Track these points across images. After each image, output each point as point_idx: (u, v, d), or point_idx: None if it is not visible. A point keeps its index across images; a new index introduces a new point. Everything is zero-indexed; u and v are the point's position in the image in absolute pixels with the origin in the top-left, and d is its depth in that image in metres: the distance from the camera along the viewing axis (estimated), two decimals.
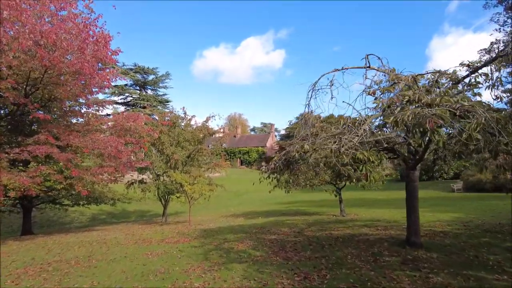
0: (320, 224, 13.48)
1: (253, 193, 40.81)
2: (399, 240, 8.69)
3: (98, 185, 15.79)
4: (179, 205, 19.41)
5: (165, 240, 11.31)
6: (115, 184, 18.44)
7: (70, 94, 11.93)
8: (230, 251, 8.73)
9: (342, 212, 16.42)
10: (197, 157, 19.51)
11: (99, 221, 25.82)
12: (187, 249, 9.28)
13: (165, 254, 8.82)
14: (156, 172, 18.69)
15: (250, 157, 65.57)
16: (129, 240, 11.51)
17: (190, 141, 19.36)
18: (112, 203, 20.27)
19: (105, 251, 9.58)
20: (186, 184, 15.65)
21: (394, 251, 7.66)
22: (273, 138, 72.61)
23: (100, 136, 12.78)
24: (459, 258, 6.77)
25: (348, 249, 8.25)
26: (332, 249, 8.31)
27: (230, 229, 13.29)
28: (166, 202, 19.60)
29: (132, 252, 9.18)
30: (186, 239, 11.12)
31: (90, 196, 18.74)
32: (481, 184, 25.74)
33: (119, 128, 14.55)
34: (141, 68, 54.44)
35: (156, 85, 56.78)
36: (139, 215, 28.69)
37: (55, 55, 9.39)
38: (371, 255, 7.40)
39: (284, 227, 13.16)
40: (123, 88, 53.74)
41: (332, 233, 10.93)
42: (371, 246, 8.40)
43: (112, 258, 8.46)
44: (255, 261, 7.42)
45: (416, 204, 7.94)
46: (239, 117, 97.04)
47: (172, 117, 19.88)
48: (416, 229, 7.88)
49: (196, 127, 20.10)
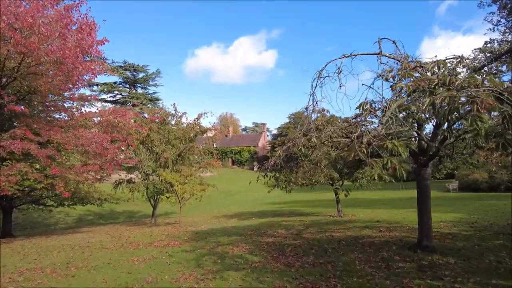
0: (318, 225, 12.80)
1: (245, 193, 40.09)
2: (409, 243, 8.03)
3: (83, 185, 14.91)
4: (169, 206, 18.61)
5: (153, 243, 10.49)
6: (102, 184, 17.60)
7: (51, 86, 11.03)
8: (225, 256, 7.97)
9: (339, 212, 15.79)
10: (188, 155, 18.70)
11: (86, 222, 24.76)
12: (177, 254, 8.49)
13: (153, 259, 8.01)
14: (145, 171, 17.80)
15: (242, 157, 64.70)
16: (114, 244, 10.66)
17: (181, 139, 18.53)
18: (99, 203, 19.39)
19: (87, 256, 8.72)
20: (177, 183, 14.83)
21: (405, 255, 6.99)
22: (265, 138, 71.87)
23: (84, 132, 11.89)
24: (480, 264, 6.12)
25: (354, 253, 7.56)
26: (336, 254, 7.62)
27: (223, 231, 12.52)
28: (156, 203, 18.73)
29: (117, 258, 8.34)
30: (176, 242, 10.32)
31: (76, 196, 17.86)
32: (477, 183, 25.40)
33: (105, 124, 13.69)
34: (131, 66, 53.17)
35: (146, 83, 55.53)
36: (128, 216, 27.68)
37: (31, 40, 8.51)
38: (382, 261, 6.72)
39: (281, 228, 12.45)
40: (112, 85, 52.43)
41: (333, 235, 10.25)
42: (378, 250, 7.73)
43: (93, 265, 7.61)
44: (253, 268, 6.68)
45: (428, 205, 7.30)
46: (231, 117, 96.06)
47: (162, 114, 19.01)
48: (429, 231, 7.24)
49: (187, 124, 19.26)
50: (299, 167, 7.75)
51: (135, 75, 54.53)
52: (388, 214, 15.65)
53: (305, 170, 7.86)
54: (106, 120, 13.65)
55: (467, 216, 13.12)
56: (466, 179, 26.39)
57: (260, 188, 42.53)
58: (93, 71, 11.35)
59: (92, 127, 13.77)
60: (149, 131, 17.17)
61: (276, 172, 7.79)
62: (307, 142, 5.25)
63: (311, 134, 5.38)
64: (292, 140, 6.59)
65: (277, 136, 65.13)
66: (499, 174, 24.32)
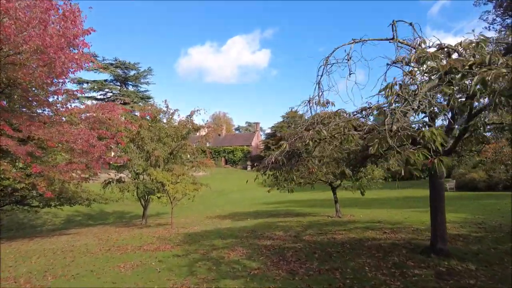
0: (317, 227, 12.19)
1: (238, 192, 39.43)
2: (419, 246, 7.45)
3: (69, 184, 14.09)
4: (161, 206, 17.86)
5: (143, 247, 9.78)
6: (91, 183, 16.82)
7: (32, 78, 10.22)
8: (220, 261, 7.30)
9: (337, 213, 15.21)
10: (180, 154, 17.94)
11: (74, 223, 23.87)
12: (168, 260, 7.79)
13: (141, 266, 7.31)
14: (135, 170, 17.01)
15: (235, 156, 63.96)
16: (101, 248, 9.92)
17: (173, 137, 17.76)
18: (87, 204, 18.54)
19: (69, 262, 7.97)
20: (168, 183, 14.10)
21: (419, 260, 6.39)
22: (259, 137, 71.17)
23: (68, 128, 11.09)
24: (504, 271, 5.54)
25: (361, 258, 6.95)
26: (342, 259, 7.00)
27: (218, 233, 11.84)
28: (146, 203, 17.95)
29: (102, 264, 7.61)
30: (167, 246, 9.61)
31: (62, 197, 17.03)
32: (475, 182, 25.07)
33: (92, 120, 12.90)
34: (122, 63, 52.03)
35: (137, 81, 54.44)
36: (118, 217, 26.82)
37: (6, 24, 7.73)
38: (394, 266, 6.11)
39: (278, 230, 11.81)
40: (103, 83, 51.29)
41: (334, 238, 9.64)
42: (387, 254, 7.13)
43: (74, 273, 6.87)
44: (252, 276, 6.02)
45: (443, 204, 6.71)
46: (224, 116, 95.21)
47: (153, 111, 18.21)
48: (443, 233, 6.65)
49: (179, 122, 18.49)
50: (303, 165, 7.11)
51: (126, 72, 53.40)
52: (388, 214, 15.12)
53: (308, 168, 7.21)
54: (93, 116, 12.87)
55: (471, 216, 12.64)
56: (463, 178, 26.06)
57: (254, 188, 42.02)
58: (78, 61, 10.54)
59: (78, 124, 12.96)
60: (139, 128, 16.39)
61: (277, 170, 7.14)
62: (316, 135, 4.61)
63: (319, 126, 4.75)
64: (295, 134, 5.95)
65: (270, 136, 64.46)
66: (497, 173, 23.99)
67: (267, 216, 17.26)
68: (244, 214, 19.49)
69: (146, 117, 17.47)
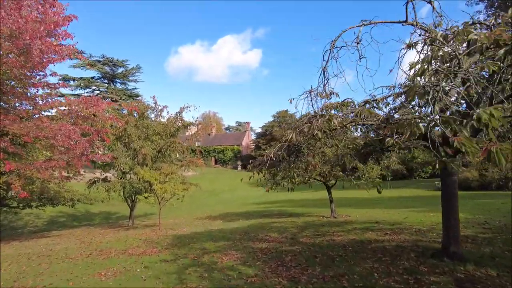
0: (313, 228, 11.61)
1: (229, 192, 38.75)
2: (428, 249, 6.91)
3: (49, 183, 13.23)
4: (149, 206, 17.03)
5: (128, 250, 9.04)
6: (77, 183, 16.02)
7: (7, 68, 9.39)
8: (213, 267, 6.62)
9: (333, 213, 14.65)
10: (169, 152, 17.16)
11: (58, 225, 22.85)
12: (155, 265, 7.08)
13: (125, 273, 6.59)
14: (122, 169, 16.18)
15: (225, 156, 63.10)
16: (82, 252, 9.14)
17: (161, 135, 16.98)
18: (71, 204, 17.67)
19: (43, 270, 7.18)
20: (156, 182, 13.32)
21: (431, 265, 5.82)
22: (249, 137, 70.44)
23: (47, 122, 10.28)
24: None
25: (367, 262, 6.36)
26: (346, 263, 6.40)
27: (209, 235, 11.16)
28: (133, 203, 17.13)
29: (81, 272, 6.86)
30: (154, 250, 8.89)
31: (44, 197, 16.16)
32: (468, 182, 24.85)
33: (75, 115, 12.08)
34: (110, 60, 50.70)
35: (125, 78, 53.12)
36: (104, 217, 25.87)
37: None
38: (406, 272, 5.53)
39: (273, 231, 11.18)
40: (90, 80, 49.89)
41: (334, 240, 9.05)
42: (395, 258, 6.55)
43: (47, 284, 6.10)
44: (250, 285, 5.37)
45: (456, 204, 6.16)
46: (214, 116, 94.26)
47: (141, 107, 17.37)
48: (457, 236, 6.10)
49: (168, 119, 17.70)
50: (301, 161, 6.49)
51: (114, 70, 52.07)
52: (384, 214, 14.64)
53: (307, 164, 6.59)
54: (76, 111, 12.05)
55: (471, 216, 12.21)
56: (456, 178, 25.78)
57: (245, 188, 41.39)
58: (56, 49, 9.74)
59: (60, 119, 12.12)
60: (125, 124, 15.58)
61: (275, 167, 6.51)
62: (326, 125, 3.99)
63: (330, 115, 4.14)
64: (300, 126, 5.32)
65: (261, 135, 63.76)
66: (490, 172, 23.83)
67: (260, 217, 16.61)
68: (235, 214, 18.80)
69: (133, 113, 16.63)
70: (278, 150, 5.72)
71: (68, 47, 10.98)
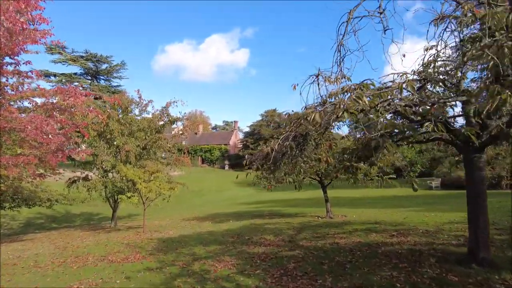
0: (310, 229, 10.80)
1: (216, 192, 37.79)
2: (449, 254, 6.15)
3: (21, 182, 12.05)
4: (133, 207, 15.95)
5: (108, 256, 8.03)
6: (56, 182, 14.89)
7: None
8: (205, 277, 5.70)
9: (328, 213, 13.89)
10: (154, 149, 16.09)
11: (35, 227, 21.47)
12: (138, 275, 6.12)
13: (102, 285, 5.61)
14: (103, 167, 15.03)
15: (212, 155, 61.92)
16: (54, 259, 8.07)
17: (146, 131, 15.87)
18: (48, 205, 16.51)
19: (4, 282, 6.14)
20: (140, 181, 12.27)
21: (461, 273, 5.04)
22: (237, 136, 69.40)
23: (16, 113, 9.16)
24: None
25: (383, 269, 5.54)
26: (359, 271, 5.57)
27: (198, 238, 10.21)
28: (116, 204, 16.00)
29: (48, 284, 5.84)
30: (137, 256, 7.91)
31: (18, 197, 14.96)
32: (461, 181, 24.53)
33: (50, 107, 10.94)
34: (93, 56, 48.83)
35: (110, 75, 51.39)
36: (85, 219, 24.57)
37: None
38: (434, 282, 4.73)
39: (268, 234, 10.32)
40: (72, 76, 48.01)
41: (337, 243, 8.24)
42: (414, 264, 5.75)
43: None
44: None
45: (485, 203, 5.42)
46: (200, 115, 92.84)
47: (125, 101, 16.22)
48: (485, 239, 5.36)
49: (153, 114, 16.59)
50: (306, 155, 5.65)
51: (98, 66, 50.23)
52: (382, 214, 13.96)
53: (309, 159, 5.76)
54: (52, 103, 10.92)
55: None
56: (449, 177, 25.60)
57: (233, 187, 40.47)
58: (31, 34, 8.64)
59: (33, 110, 10.98)
60: (107, 119, 14.46)
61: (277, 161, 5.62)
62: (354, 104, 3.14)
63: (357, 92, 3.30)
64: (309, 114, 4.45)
65: (249, 134, 62.83)
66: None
67: (251, 217, 15.74)
68: (224, 215, 17.86)
69: (116, 107, 15.50)
70: (285, 140, 4.85)
71: (42, 31, 9.88)
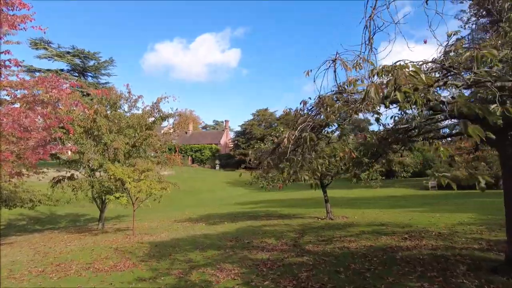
0: (313, 231, 10.11)
1: (208, 193, 36.86)
2: (477, 260, 5.50)
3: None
4: (122, 207, 15.00)
5: (94, 264, 7.19)
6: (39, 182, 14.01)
7: None
8: None
9: (329, 214, 13.26)
10: (144, 147, 15.20)
11: (17, 229, 20.24)
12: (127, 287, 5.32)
13: None
14: (90, 166, 14.09)
15: (203, 155, 60.87)
16: (33, 267, 7.19)
17: (136, 128, 14.98)
18: (30, 206, 15.42)
19: None
20: (129, 180, 11.42)
21: (504, 285, 4.39)
22: (228, 135, 68.51)
23: None
24: None
25: (410, 279, 4.85)
26: (383, 281, 4.87)
27: (193, 242, 9.41)
28: (103, 204, 15.05)
29: None
30: (127, 263, 7.08)
31: None
32: (458, 181, 24.20)
33: (31, 99, 10.01)
34: (80, 52, 47.37)
35: (97, 72, 49.98)
36: (71, 220, 23.36)
37: None
38: None
39: (268, 237, 9.59)
40: (58, 72, 46.33)
41: (347, 247, 7.55)
42: (444, 272, 5.08)
43: None
44: None
45: None
46: (190, 114, 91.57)
47: (113, 96, 15.29)
48: None
49: (143, 110, 15.69)
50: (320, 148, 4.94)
51: (85, 62, 48.80)
52: (385, 215, 13.38)
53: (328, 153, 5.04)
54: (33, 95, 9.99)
55: (483, 216, 11.12)
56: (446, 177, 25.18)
57: (225, 187, 39.63)
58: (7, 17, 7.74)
59: (11, 102, 10.03)
60: (94, 114, 13.53)
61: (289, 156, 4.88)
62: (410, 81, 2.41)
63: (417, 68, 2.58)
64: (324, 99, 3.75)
65: (240, 134, 61.97)
66: (480, 171, 23.28)
67: (246, 219, 14.99)
68: (218, 216, 17.04)
69: (104, 101, 14.57)
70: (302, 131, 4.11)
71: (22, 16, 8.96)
